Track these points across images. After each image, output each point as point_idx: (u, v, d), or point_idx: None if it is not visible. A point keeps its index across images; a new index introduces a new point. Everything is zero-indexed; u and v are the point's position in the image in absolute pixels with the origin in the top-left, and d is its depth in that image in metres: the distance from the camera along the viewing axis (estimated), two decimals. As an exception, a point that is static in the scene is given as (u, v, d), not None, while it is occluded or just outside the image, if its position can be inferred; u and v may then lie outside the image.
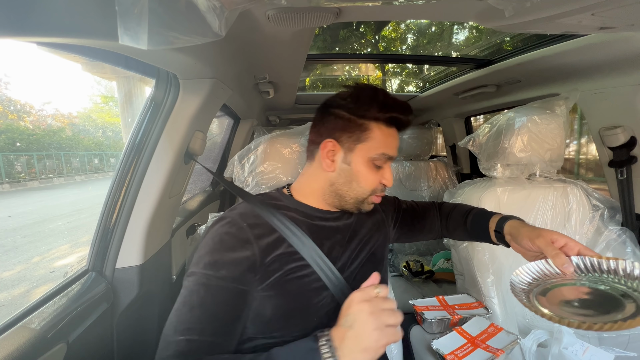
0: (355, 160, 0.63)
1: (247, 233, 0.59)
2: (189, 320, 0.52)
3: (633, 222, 1.02)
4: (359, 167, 0.64)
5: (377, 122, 0.63)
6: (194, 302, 0.53)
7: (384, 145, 0.63)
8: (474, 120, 2.07)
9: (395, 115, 0.63)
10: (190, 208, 1.36)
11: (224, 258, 0.56)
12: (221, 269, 0.55)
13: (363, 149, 0.63)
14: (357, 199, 0.66)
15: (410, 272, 1.61)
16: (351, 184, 0.65)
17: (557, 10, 0.49)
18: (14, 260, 3.93)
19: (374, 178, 0.65)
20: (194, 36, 0.43)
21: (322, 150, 0.65)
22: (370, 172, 0.64)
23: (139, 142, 0.79)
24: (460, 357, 0.73)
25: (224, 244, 0.58)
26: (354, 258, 0.69)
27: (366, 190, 0.65)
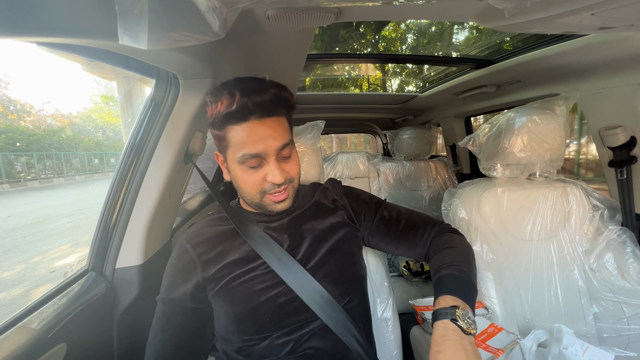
0: (231, 167, 0.64)
1: (191, 254, 0.65)
2: (155, 343, 0.61)
3: (633, 222, 1.02)
4: (236, 172, 0.63)
5: (228, 124, 0.58)
6: (157, 327, 0.62)
7: (241, 145, 0.58)
8: (474, 120, 2.07)
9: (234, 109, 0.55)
10: (190, 208, 1.36)
11: (175, 282, 0.64)
12: (173, 292, 0.63)
13: (230, 155, 0.61)
14: (252, 202, 0.66)
15: (410, 272, 1.61)
16: (239, 189, 0.66)
17: (557, 10, 0.49)
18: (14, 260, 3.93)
19: (253, 179, 0.61)
20: (194, 36, 0.43)
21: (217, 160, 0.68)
22: (245, 174, 0.61)
23: (139, 142, 0.79)
24: None
25: (173, 269, 0.65)
26: (311, 252, 0.68)
27: (252, 193, 0.63)
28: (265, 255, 0.63)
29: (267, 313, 0.62)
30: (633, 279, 0.92)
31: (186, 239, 0.67)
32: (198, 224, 0.72)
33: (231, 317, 0.62)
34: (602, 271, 0.97)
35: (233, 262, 0.64)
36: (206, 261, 0.64)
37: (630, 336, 0.88)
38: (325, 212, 0.74)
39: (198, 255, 0.64)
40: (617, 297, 0.93)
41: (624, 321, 0.90)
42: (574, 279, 0.99)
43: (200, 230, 0.69)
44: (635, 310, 0.90)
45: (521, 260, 1.00)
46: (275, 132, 0.59)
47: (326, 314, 0.62)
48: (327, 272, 0.67)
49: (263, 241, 0.65)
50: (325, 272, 0.66)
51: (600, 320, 0.95)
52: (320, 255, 0.68)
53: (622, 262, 0.95)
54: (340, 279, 0.67)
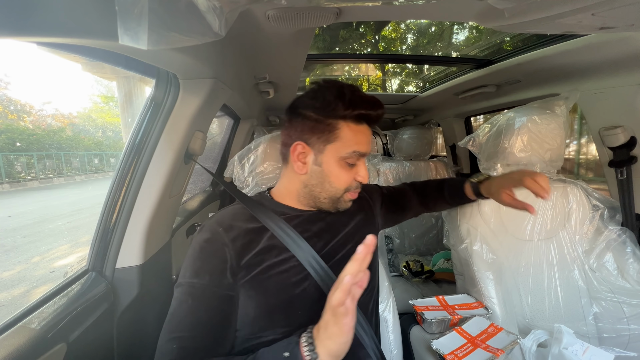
0: (326, 161, 0.63)
1: (223, 237, 0.61)
2: (180, 328, 0.54)
3: (633, 222, 1.02)
4: (331, 167, 0.63)
5: (345, 120, 0.61)
6: (184, 311, 0.56)
7: (354, 143, 0.62)
8: (474, 120, 2.07)
9: (363, 112, 0.61)
10: (190, 208, 1.36)
11: (206, 265, 0.59)
12: (204, 276, 0.58)
13: (333, 149, 0.62)
14: (331, 198, 0.66)
15: (410, 272, 1.61)
16: (324, 184, 0.64)
17: (557, 10, 0.49)
18: (14, 260, 3.93)
19: (347, 176, 0.64)
20: (194, 36, 0.43)
21: (292, 153, 0.65)
22: (342, 171, 0.63)
23: (139, 142, 0.79)
24: (460, 357, 0.73)
25: (203, 252, 0.60)
26: (337, 249, 0.68)
27: (339, 189, 0.65)
28: (292, 248, 0.62)
29: (299, 306, 0.61)
30: (633, 279, 0.92)
31: (217, 222, 0.64)
32: (225, 210, 0.68)
33: (263, 309, 0.59)
34: (602, 271, 0.97)
35: (266, 251, 0.61)
36: (240, 246, 0.61)
37: (630, 336, 0.88)
38: (355, 211, 0.75)
39: (231, 240, 0.61)
40: (617, 297, 0.93)
41: (624, 321, 0.90)
42: (574, 279, 0.99)
43: (231, 215, 0.66)
44: (635, 310, 0.90)
45: (521, 260, 1.00)
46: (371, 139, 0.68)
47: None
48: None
49: (291, 234, 0.63)
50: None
51: (600, 320, 0.95)
52: (344, 252, 0.69)
53: (622, 262, 0.95)
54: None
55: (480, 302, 0.93)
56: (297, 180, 0.67)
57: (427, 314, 0.89)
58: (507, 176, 0.78)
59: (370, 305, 0.71)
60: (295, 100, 0.66)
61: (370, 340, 0.63)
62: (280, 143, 0.70)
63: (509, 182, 0.77)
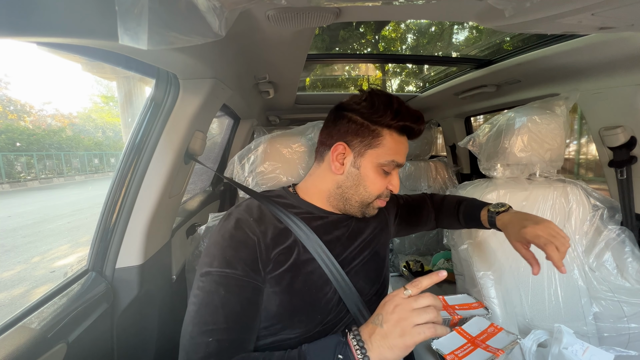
0: (364, 165, 0.64)
1: (254, 228, 0.60)
2: (214, 320, 0.52)
3: (633, 222, 1.02)
4: (368, 172, 0.64)
5: (389, 129, 0.63)
6: (216, 302, 0.53)
7: (394, 152, 0.64)
8: (474, 120, 2.07)
9: (408, 124, 0.63)
10: (190, 208, 1.36)
11: (238, 255, 0.56)
12: (237, 266, 0.55)
13: (373, 155, 0.63)
14: (362, 202, 0.66)
15: (410, 272, 1.61)
16: (358, 187, 0.65)
17: (557, 10, 0.49)
18: (14, 260, 3.93)
19: (382, 183, 0.65)
20: (194, 36, 0.43)
21: (332, 152, 0.65)
22: (378, 177, 0.64)
23: (139, 142, 0.79)
24: (460, 357, 0.73)
25: (234, 240, 0.58)
26: (355, 255, 0.69)
27: (372, 195, 0.66)
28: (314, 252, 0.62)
29: (320, 310, 0.61)
30: (632, 278, 0.93)
31: (247, 212, 0.62)
32: (251, 202, 0.66)
33: (287, 307, 0.58)
34: (601, 271, 0.97)
35: (293, 249, 0.61)
36: (270, 239, 0.59)
37: (631, 335, 0.88)
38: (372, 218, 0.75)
39: (262, 231, 0.59)
40: (616, 297, 0.93)
41: (624, 320, 0.90)
42: (574, 279, 0.99)
43: (257, 208, 0.64)
44: (635, 309, 0.90)
45: (521, 260, 0.99)
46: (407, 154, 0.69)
47: (360, 314, 0.63)
48: (366, 273, 0.69)
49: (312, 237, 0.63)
50: (364, 273, 0.69)
51: (600, 319, 0.95)
52: (361, 259, 0.70)
53: (621, 262, 0.95)
54: (376, 280, 0.71)
55: (480, 302, 0.93)
56: (331, 180, 0.67)
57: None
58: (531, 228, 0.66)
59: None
60: (343, 103, 0.67)
61: None
62: (318, 141, 0.71)
63: (531, 236, 0.65)
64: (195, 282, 0.56)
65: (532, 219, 0.68)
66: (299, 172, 0.84)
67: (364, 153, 0.63)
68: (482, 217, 0.80)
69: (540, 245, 0.64)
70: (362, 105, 0.63)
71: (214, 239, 0.59)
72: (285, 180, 0.84)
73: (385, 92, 0.65)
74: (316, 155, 0.72)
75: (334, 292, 0.63)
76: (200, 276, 0.56)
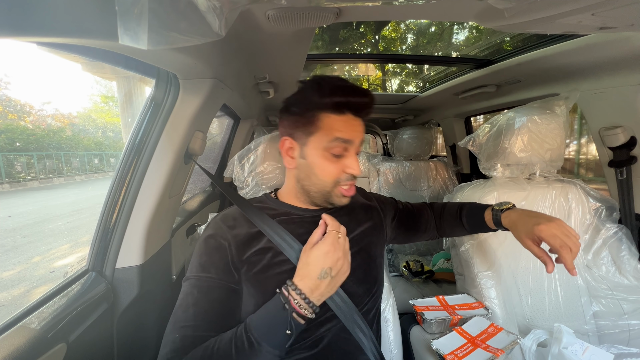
0: (310, 154, 0.64)
1: (226, 233, 0.63)
2: (184, 319, 0.56)
3: (633, 222, 1.02)
4: (315, 159, 0.63)
5: (324, 111, 0.61)
6: (189, 303, 0.57)
7: (335, 130, 0.61)
8: (474, 120, 2.07)
9: (340, 100, 0.61)
10: (190, 208, 1.36)
11: (210, 259, 0.61)
12: (209, 269, 0.60)
13: (315, 140, 0.63)
14: (321, 192, 0.66)
15: (410, 272, 1.61)
16: (310, 177, 0.65)
17: (557, 10, 0.49)
18: (14, 260, 3.93)
19: (334, 168, 0.63)
20: (194, 36, 0.43)
21: (281, 148, 0.68)
22: (327, 162, 0.63)
23: (139, 142, 0.79)
24: (460, 357, 0.73)
25: (208, 247, 0.62)
26: None
27: (327, 181, 0.64)
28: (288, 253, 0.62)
29: None
30: (631, 275, 0.93)
31: (222, 220, 0.66)
32: (230, 210, 0.70)
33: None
34: (601, 269, 0.98)
35: (265, 251, 0.63)
36: (241, 243, 0.62)
37: (631, 332, 0.88)
38: (359, 214, 0.76)
39: (233, 236, 0.63)
40: (615, 294, 0.93)
41: (624, 318, 0.91)
42: (573, 278, 0.99)
43: (234, 215, 0.68)
44: (634, 306, 0.90)
45: (521, 260, 1.00)
46: (361, 129, 0.65)
47: (343, 314, 0.63)
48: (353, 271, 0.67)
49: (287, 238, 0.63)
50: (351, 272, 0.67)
51: (600, 318, 0.95)
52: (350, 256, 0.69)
53: (618, 259, 0.96)
54: (364, 279, 0.70)
55: (480, 302, 0.93)
56: (292, 176, 0.70)
57: (427, 314, 0.89)
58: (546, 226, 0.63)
59: (373, 312, 0.71)
60: (284, 99, 0.69)
61: (370, 343, 0.64)
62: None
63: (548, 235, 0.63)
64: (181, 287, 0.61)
65: (543, 217, 0.67)
66: (299, 172, 0.84)
67: (307, 141, 0.63)
68: (486, 217, 0.78)
69: (556, 246, 0.61)
70: (296, 96, 0.65)
71: (195, 248, 0.64)
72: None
73: (320, 76, 0.64)
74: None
75: None
76: (183, 281, 0.61)
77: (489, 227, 0.78)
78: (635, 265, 0.93)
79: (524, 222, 0.68)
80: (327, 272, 0.54)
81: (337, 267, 0.56)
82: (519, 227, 0.69)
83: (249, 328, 0.51)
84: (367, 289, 0.70)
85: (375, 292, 0.72)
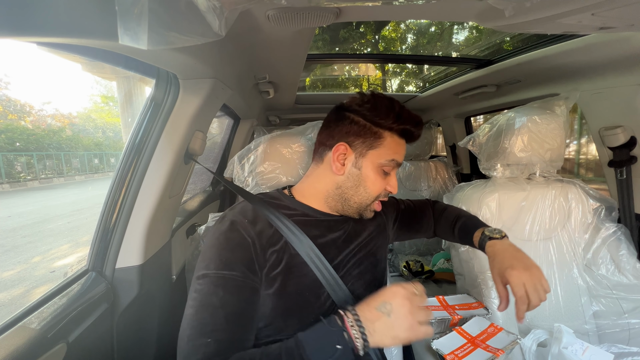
0: (365, 165, 0.65)
1: (249, 230, 0.60)
2: (213, 322, 0.52)
3: (632, 222, 1.02)
4: (368, 172, 0.65)
5: (390, 132, 0.64)
6: (215, 303, 0.53)
7: (394, 152, 0.65)
8: (474, 120, 2.07)
9: (408, 128, 0.65)
10: (190, 208, 1.36)
11: (234, 256, 0.57)
12: (234, 267, 0.56)
13: (374, 155, 0.64)
14: (361, 204, 0.67)
15: (410, 272, 1.61)
16: (358, 188, 0.65)
17: (557, 10, 0.49)
18: (14, 260, 3.93)
19: (381, 184, 0.66)
20: (194, 36, 0.43)
21: (333, 153, 0.65)
22: (378, 177, 0.65)
23: (139, 142, 0.79)
24: (460, 357, 0.73)
25: (230, 242, 0.58)
26: (350, 258, 0.69)
27: (372, 195, 0.66)
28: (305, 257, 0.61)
29: (313, 313, 0.61)
30: (630, 274, 0.93)
31: (241, 214, 0.63)
32: (245, 205, 0.66)
33: (280, 311, 0.58)
34: (600, 269, 0.98)
35: (284, 251, 0.61)
36: (265, 241, 0.60)
37: (631, 331, 0.89)
38: (368, 220, 0.75)
39: (257, 233, 0.60)
40: (615, 293, 0.93)
41: (624, 317, 0.91)
42: (573, 278, 0.99)
43: (253, 209, 0.65)
44: (634, 305, 0.90)
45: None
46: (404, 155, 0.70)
47: None
48: (361, 275, 0.69)
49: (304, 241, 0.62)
50: (360, 277, 0.69)
51: (600, 317, 0.95)
52: (355, 260, 0.69)
53: (617, 258, 0.96)
54: (372, 283, 0.71)
55: (480, 302, 0.93)
56: (331, 181, 0.67)
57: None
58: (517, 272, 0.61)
59: None
60: (344, 103, 0.68)
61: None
62: (317, 141, 0.70)
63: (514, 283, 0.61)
64: (193, 285, 0.56)
65: (522, 261, 0.64)
66: (298, 172, 0.84)
67: (366, 154, 0.64)
68: (475, 236, 0.77)
69: (516, 295, 0.60)
70: (364, 107, 0.64)
71: (210, 242, 0.59)
72: (285, 180, 0.84)
73: (386, 95, 0.66)
74: (314, 156, 0.71)
75: (327, 295, 0.62)
76: (197, 279, 0.56)
77: (475, 245, 0.78)
78: (634, 264, 0.93)
79: (502, 259, 0.66)
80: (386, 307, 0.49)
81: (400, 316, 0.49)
82: (496, 261, 0.67)
83: (300, 345, 0.48)
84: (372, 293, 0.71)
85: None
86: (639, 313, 0.89)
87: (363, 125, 0.64)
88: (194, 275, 0.58)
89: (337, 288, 0.62)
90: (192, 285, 0.57)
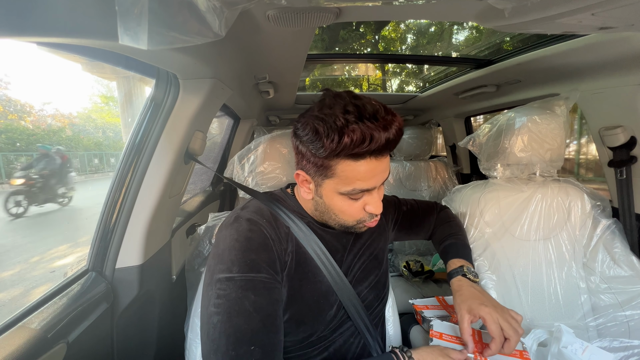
0: (326, 194, 0.57)
1: (269, 229, 0.58)
2: (251, 327, 0.49)
3: (632, 222, 1.02)
4: (333, 201, 0.57)
5: (337, 159, 0.51)
6: (247, 308, 0.49)
7: (354, 179, 0.52)
8: (474, 120, 2.07)
9: (359, 152, 0.49)
10: (190, 208, 1.36)
11: (259, 257, 0.54)
12: (261, 269, 0.53)
13: (331, 184, 0.55)
14: (343, 224, 0.61)
15: (410, 272, 1.61)
16: (330, 214, 0.60)
17: (557, 10, 0.49)
18: (13, 260, 3.93)
19: (354, 209, 0.57)
20: (194, 36, 0.43)
21: (296, 178, 0.61)
22: (346, 204, 0.56)
23: (139, 142, 0.79)
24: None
25: (252, 243, 0.55)
26: (356, 261, 0.69)
27: (347, 221, 0.59)
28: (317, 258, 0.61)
29: (325, 322, 0.60)
30: (625, 265, 0.94)
31: (259, 215, 0.59)
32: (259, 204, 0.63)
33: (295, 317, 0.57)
34: (599, 266, 0.98)
35: (301, 255, 0.59)
36: (284, 241, 0.59)
37: (630, 325, 0.89)
38: None
39: (276, 234, 0.58)
40: (613, 288, 0.94)
41: (622, 310, 0.91)
42: (572, 277, 1.00)
43: (267, 208, 0.62)
44: (631, 296, 0.90)
45: (521, 260, 1.00)
46: (386, 167, 0.55)
47: (360, 319, 0.64)
48: (366, 278, 0.69)
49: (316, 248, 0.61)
50: (365, 279, 0.69)
51: (599, 312, 0.95)
52: (361, 264, 0.69)
53: (612, 252, 0.96)
54: (376, 285, 0.71)
55: (480, 302, 0.93)
56: (309, 202, 0.64)
57: (427, 312, 0.89)
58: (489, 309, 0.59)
59: (379, 315, 0.72)
60: (293, 126, 0.60)
61: (375, 344, 0.65)
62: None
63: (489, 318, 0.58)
64: (212, 290, 0.52)
65: (491, 301, 0.62)
66: (299, 172, 0.84)
67: (322, 183, 0.56)
68: (452, 262, 0.74)
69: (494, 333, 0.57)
70: (305, 137, 0.53)
71: (229, 244, 0.55)
72: (285, 180, 0.84)
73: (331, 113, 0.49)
74: None
75: (336, 298, 0.63)
76: (219, 282, 0.51)
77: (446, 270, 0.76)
78: (628, 255, 0.94)
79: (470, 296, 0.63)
80: None
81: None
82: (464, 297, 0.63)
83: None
84: (377, 295, 0.71)
85: (383, 297, 0.73)
86: (636, 305, 0.89)
87: (310, 155, 0.53)
88: (212, 278, 0.53)
89: (345, 291, 0.63)
90: (210, 290, 0.52)
